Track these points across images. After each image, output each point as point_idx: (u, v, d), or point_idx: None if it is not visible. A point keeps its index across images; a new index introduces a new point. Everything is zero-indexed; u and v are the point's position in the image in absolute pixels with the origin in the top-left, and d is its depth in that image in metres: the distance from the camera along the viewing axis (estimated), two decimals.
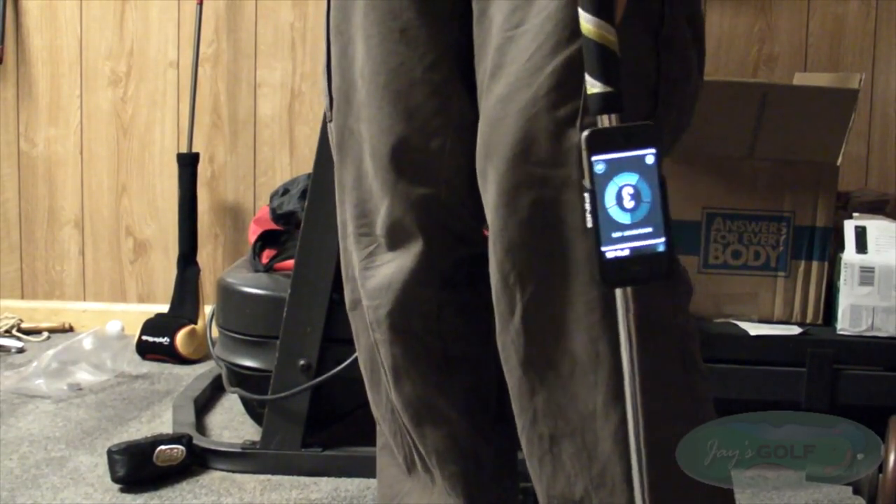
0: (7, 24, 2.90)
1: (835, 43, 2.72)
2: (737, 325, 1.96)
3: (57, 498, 1.78)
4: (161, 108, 2.93)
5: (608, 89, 0.84)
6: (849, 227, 1.96)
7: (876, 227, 1.96)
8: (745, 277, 1.99)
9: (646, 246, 0.84)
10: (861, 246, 1.94)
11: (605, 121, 0.85)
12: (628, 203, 0.83)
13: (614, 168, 0.83)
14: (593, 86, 0.85)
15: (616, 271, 0.84)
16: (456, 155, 1.18)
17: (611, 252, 0.84)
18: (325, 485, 1.87)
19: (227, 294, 2.08)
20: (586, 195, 0.83)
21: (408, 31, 1.16)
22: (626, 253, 0.84)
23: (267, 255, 2.15)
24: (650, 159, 0.83)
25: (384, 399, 1.31)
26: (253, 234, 2.24)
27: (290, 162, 2.90)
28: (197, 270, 2.78)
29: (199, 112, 2.85)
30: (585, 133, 0.83)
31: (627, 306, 0.87)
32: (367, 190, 1.22)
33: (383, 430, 1.35)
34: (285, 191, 2.26)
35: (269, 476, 1.90)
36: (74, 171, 2.96)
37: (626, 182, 0.83)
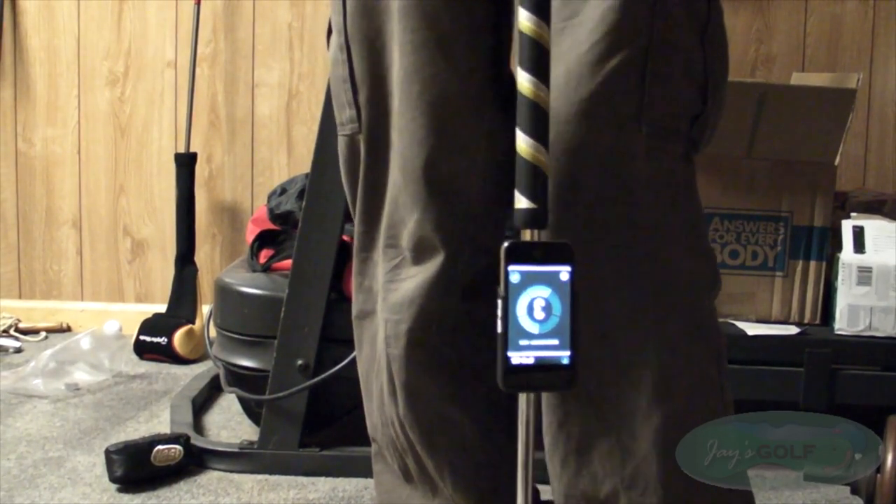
0: (5, 24, 2.90)
1: (832, 43, 2.72)
2: (734, 325, 1.96)
3: (55, 498, 1.78)
4: (159, 108, 2.92)
5: (534, 206, 0.89)
6: (846, 226, 1.96)
7: (874, 227, 1.96)
8: (743, 277, 1.99)
9: (550, 357, 0.87)
10: (859, 246, 1.94)
11: (527, 235, 0.90)
12: (539, 314, 0.87)
13: (528, 280, 0.87)
14: (520, 201, 0.89)
15: (518, 377, 0.88)
16: (487, 166, 1.17)
17: (516, 358, 0.87)
18: (323, 485, 1.87)
19: (225, 294, 2.08)
20: (499, 301, 0.87)
21: (443, 39, 1.12)
22: (531, 361, 0.87)
23: (264, 255, 2.15)
24: (564, 276, 0.87)
25: (377, 412, 1.29)
26: (250, 233, 2.24)
27: (288, 162, 2.90)
28: (194, 270, 2.78)
29: (196, 112, 2.85)
30: (505, 244, 0.87)
31: (529, 415, 0.91)
32: (394, 201, 1.19)
33: (377, 441, 1.33)
34: (283, 191, 2.26)
35: (266, 476, 1.90)
36: (72, 171, 2.95)
37: (538, 294, 0.87)
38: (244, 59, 2.89)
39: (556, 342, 0.87)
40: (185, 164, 2.78)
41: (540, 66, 0.89)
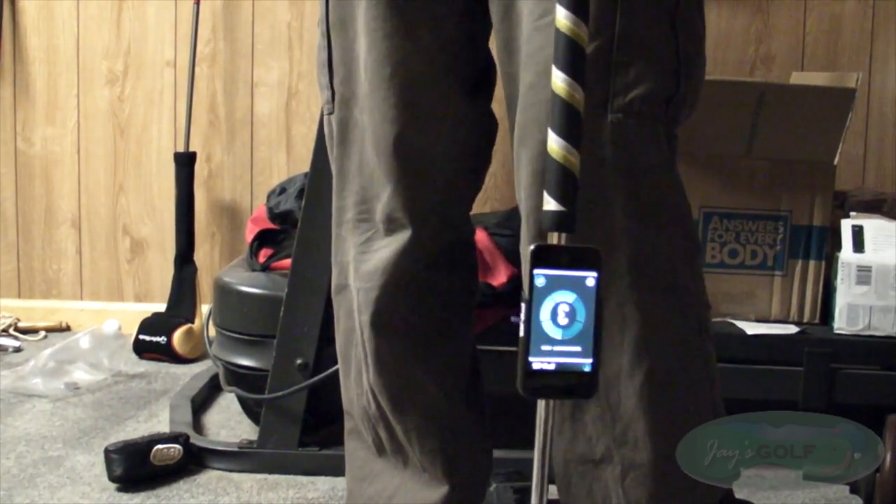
0: (4, 23, 2.89)
1: (832, 42, 2.72)
2: (734, 325, 1.96)
3: (54, 497, 1.78)
4: (158, 108, 2.92)
5: (562, 209, 0.87)
6: (846, 226, 1.96)
7: (873, 226, 1.96)
8: (743, 277, 1.99)
9: (572, 363, 0.86)
10: (858, 245, 1.94)
11: (554, 238, 0.88)
12: (562, 320, 0.85)
13: (554, 284, 0.85)
14: (549, 203, 0.88)
15: (538, 382, 0.86)
16: (453, 144, 1.25)
17: (537, 363, 0.85)
18: (322, 484, 1.87)
19: (225, 293, 2.08)
20: (523, 304, 0.85)
21: (410, 27, 1.20)
22: (552, 367, 0.85)
23: (264, 255, 2.15)
24: (590, 282, 0.86)
25: (354, 384, 1.36)
26: (250, 233, 2.24)
27: (287, 161, 2.90)
28: (194, 269, 2.78)
29: (196, 111, 2.85)
30: (532, 247, 0.86)
31: (547, 420, 0.89)
32: (367, 178, 1.27)
33: (352, 415, 1.40)
34: (282, 190, 2.26)
35: (266, 475, 1.90)
36: (71, 171, 2.95)
37: (563, 299, 0.85)
38: (243, 58, 2.89)
39: (578, 349, 0.85)
40: (185, 163, 2.77)
41: (575, 66, 0.88)
